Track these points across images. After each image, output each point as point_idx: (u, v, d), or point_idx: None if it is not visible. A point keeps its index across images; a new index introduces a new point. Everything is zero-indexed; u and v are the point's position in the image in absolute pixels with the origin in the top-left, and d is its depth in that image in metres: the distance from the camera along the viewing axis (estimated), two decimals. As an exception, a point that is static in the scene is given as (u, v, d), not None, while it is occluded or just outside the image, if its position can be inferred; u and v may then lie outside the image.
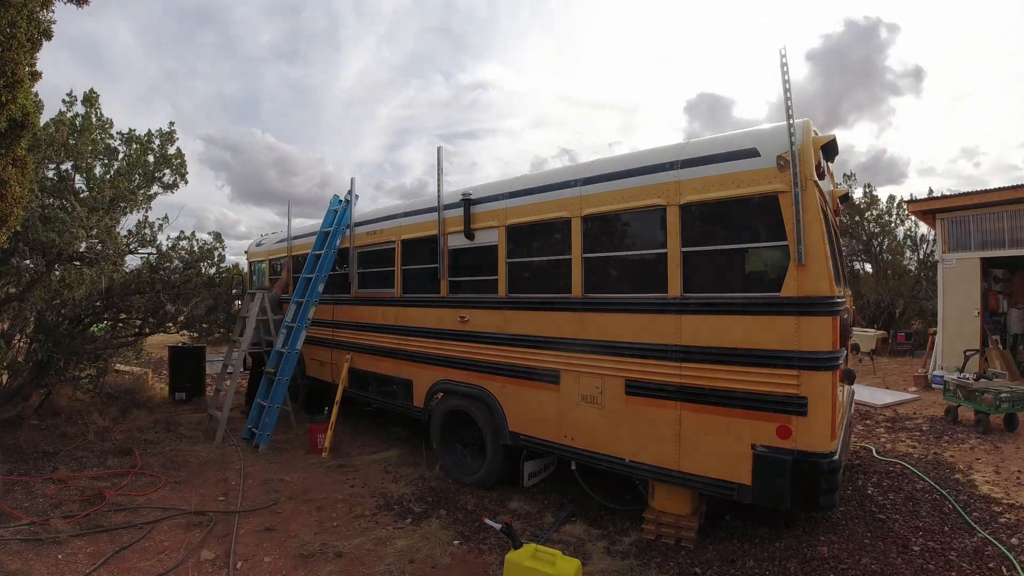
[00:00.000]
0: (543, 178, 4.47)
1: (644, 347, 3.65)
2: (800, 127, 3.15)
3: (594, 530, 3.98)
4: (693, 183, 3.48)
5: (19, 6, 3.21)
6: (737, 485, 3.26)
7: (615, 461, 3.82)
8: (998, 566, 3.32)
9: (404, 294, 5.75)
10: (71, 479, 4.84)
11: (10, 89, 3.31)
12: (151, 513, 4.21)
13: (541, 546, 2.98)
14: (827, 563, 3.30)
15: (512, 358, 4.48)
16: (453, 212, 5.06)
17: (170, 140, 7.55)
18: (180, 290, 7.06)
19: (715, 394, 3.35)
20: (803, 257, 3.04)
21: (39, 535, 3.78)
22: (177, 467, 5.30)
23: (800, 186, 3.06)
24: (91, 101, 6.73)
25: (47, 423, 6.27)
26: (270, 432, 5.99)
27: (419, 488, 4.79)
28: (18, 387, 6.11)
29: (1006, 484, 4.73)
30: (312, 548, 3.70)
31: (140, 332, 7.54)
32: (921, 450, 5.77)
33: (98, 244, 6.25)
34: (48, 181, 6.30)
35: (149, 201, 7.41)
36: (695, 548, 3.61)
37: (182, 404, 8.10)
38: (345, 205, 6.79)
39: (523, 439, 4.43)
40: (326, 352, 7.09)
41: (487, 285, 4.75)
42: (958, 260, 9.89)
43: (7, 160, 3.61)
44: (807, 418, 3.04)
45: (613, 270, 4.01)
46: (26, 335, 6.51)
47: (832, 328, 3.02)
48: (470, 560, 3.57)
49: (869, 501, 4.36)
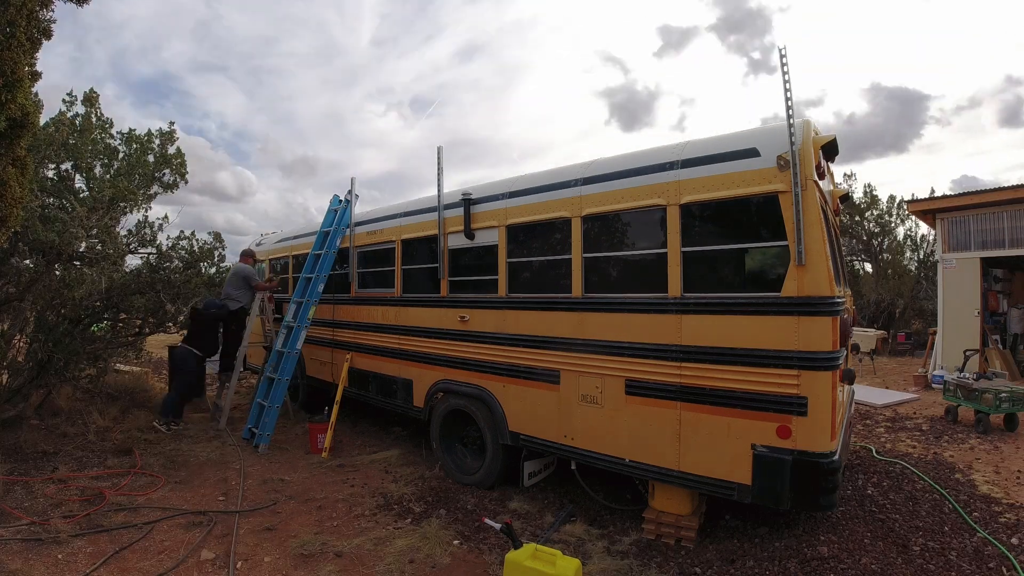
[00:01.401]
0: (543, 178, 4.47)
1: (644, 347, 3.65)
2: (800, 127, 3.16)
3: (594, 530, 3.98)
4: (693, 183, 3.48)
5: (19, 5, 3.21)
6: (737, 485, 3.26)
7: (615, 461, 3.82)
8: (998, 566, 3.32)
9: (404, 294, 5.75)
10: (71, 479, 4.84)
11: (10, 89, 3.32)
12: (151, 513, 4.21)
13: (541, 546, 2.98)
14: (827, 563, 3.30)
15: (512, 358, 4.48)
16: (453, 212, 5.07)
17: (170, 140, 7.55)
18: (180, 290, 7.08)
19: (715, 394, 3.35)
20: (803, 257, 3.04)
21: (39, 535, 3.77)
22: (177, 467, 5.30)
23: (800, 186, 3.06)
24: (91, 101, 6.74)
25: (47, 423, 6.26)
26: (270, 432, 5.98)
27: (419, 488, 4.79)
28: (18, 387, 6.11)
29: (1006, 484, 4.73)
30: (312, 548, 3.70)
31: (140, 332, 7.54)
32: (921, 450, 5.77)
33: (98, 244, 6.25)
34: (48, 181, 6.31)
35: (149, 201, 7.43)
36: (695, 548, 3.61)
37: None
38: (345, 205, 6.80)
39: (523, 439, 4.43)
40: (326, 352, 7.09)
41: (487, 285, 4.75)
42: (958, 260, 9.91)
43: (7, 160, 3.61)
44: (807, 418, 3.04)
45: (613, 270, 4.01)
46: (26, 335, 6.51)
47: (832, 328, 3.02)
48: (470, 560, 3.57)
49: (869, 501, 4.36)
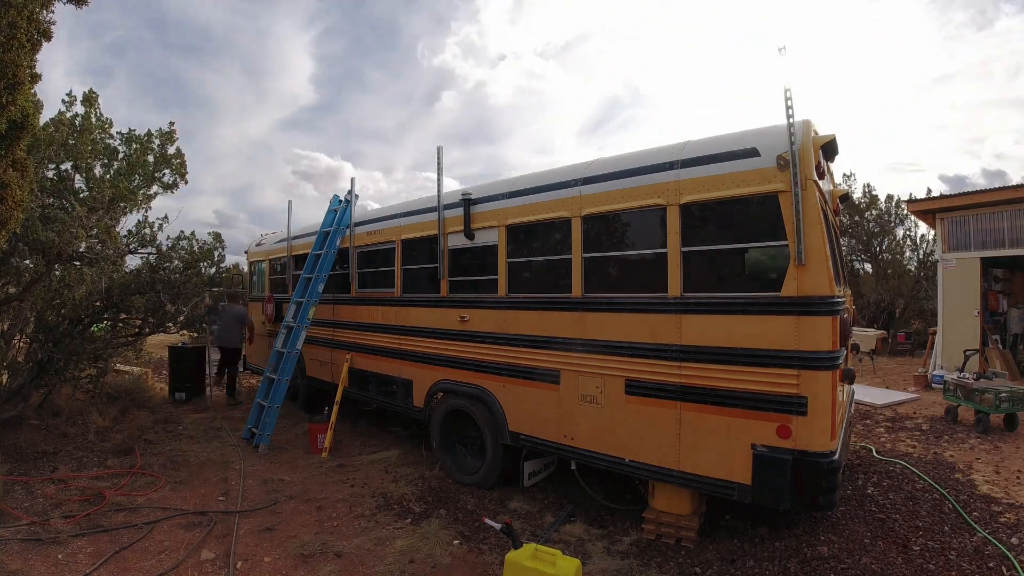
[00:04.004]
0: (543, 178, 4.47)
1: (644, 347, 3.65)
2: (800, 127, 3.15)
3: (594, 530, 3.98)
4: (693, 183, 3.48)
5: (19, 7, 3.21)
6: (737, 485, 3.26)
7: (615, 461, 3.82)
8: (998, 566, 3.32)
9: (404, 294, 5.75)
10: (71, 479, 4.84)
11: (10, 91, 3.32)
12: (151, 513, 4.21)
13: (541, 546, 2.98)
14: (827, 563, 3.30)
15: (512, 358, 4.48)
16: (453, 212, 5.07)
17: (170, 140, 7.56)
18: (180, 290, 7.09)
19: (715, 394, 3.35)
20: (803, 257, 3.04)
21: (39, 535, 3.78)
22: (177, 467, 5.30)
23: (800, 186, 3.06)
24: (91, 101, 6.74)
25: (47, 423, 6.27)
26: (270, 432, 5.99)
27: (419, 488, 4.79)
28: (18, 387, 6.12)
29: (1006, 484, 4.73)
30: (312, 548, 3.70)
31: (140, 332, 7.56)
32: (921, 450, 5.77)
33: (98, 244, 6.26)
34: (48, 181, 6.31)
35: (149, 201, 7.43)
36: (695, 548, 3.61)
37: (182, 404, 8.10)
38: (345, 205, 6.80)
39: (523, 439, 4.43)
40: (326, 352, 7.09)
41: (487, 285, 4.75)
42: (958, 260, 9.91)
43: (7, 162, 3.61)
44: (807, 418, 3.04)
45: (613, 270, 4.01)
46: (26, 335, 6.52)
47: (832, 328, 3.02)
48: (470, 560, 3.57)
49: (869, 501, 4.36)
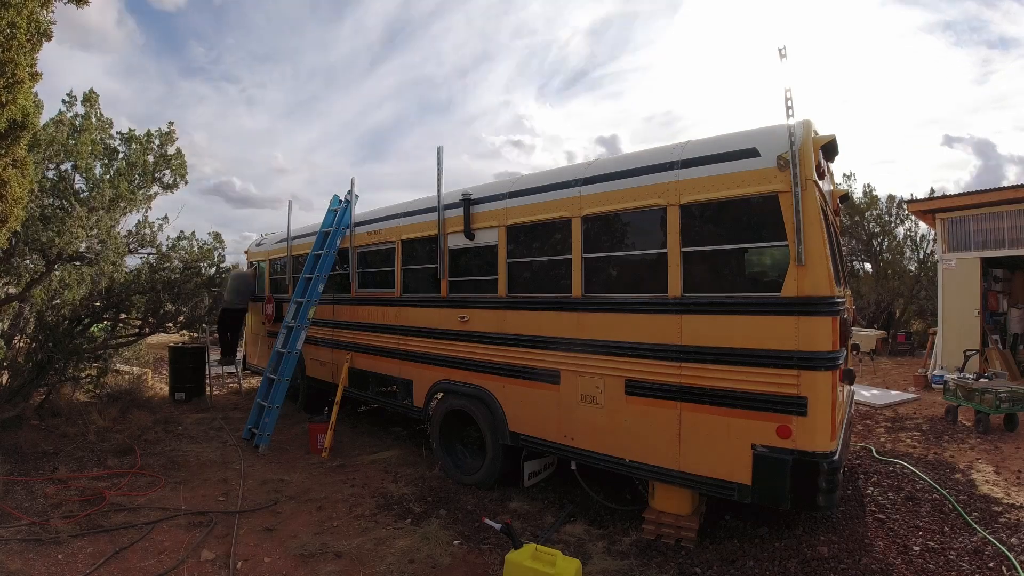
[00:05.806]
0: (543, 178, 4.47)
1: (644, 347, 3.65)
2: (800, 127, 3.15)
3: (594, 530, 3.98)
4: (693, 183, 3.48)
5: (19, 6, 3.21)
6: (737, 485, 3.26)
7: (615, 461, 3.82)
8: (998, 566, 3.32)
9: (404, 294, 5.75)
10: (71, 479, 4.84)
11: (10, 90, 3.32)
12: (151, 513, 4.21)
13: (541, 546, 2.98)
14: (827, 563, 3.30)
15: (512, 358, 4.48)
16: (453, 212, 5.06)
17: (170, 140, 7.56)
18: (180, 290, 7.09)
19: (715, 394, 3.35)
20: (803, 257, 3.04)
21: (39, 535, 3.78)
22: (177, 467, 5.30)
23: (800, 186, 3.06)
24: (91, 101, 6.74)
25: (47, 423, 6.27)
26: (270, 432, 5.99)
27: (419, 488, 4.79)
28: (18, 387, 6.12)
29: (1006, 484, 4.73)
30: (312, 548, 3.70)
31: (140, 332, 7.56)
32: (921, 450, 5.77)
33: (98, 244, 6.26)
34: (48, 181, 6.31)
35: (149, 201, 7.43)
36: (695, 548, 3.61)
37: (182, 404, 8.10)
38: (345, 205, 6.79)
39: (523, 439, 4.43)
40: (326, 352, 7.09)
41: (487, 285, 4.75)
42: (958, 260, 9.90)
43: (7, 161, 3.61)
44: (807, 418, 3.04)
45: (613, 270, 4.01)
46: (26, 335, 6.52)
47: (832, 328, 3.02)
48: (470, 560, 3.57)
49: (869, 501, 4.37)
